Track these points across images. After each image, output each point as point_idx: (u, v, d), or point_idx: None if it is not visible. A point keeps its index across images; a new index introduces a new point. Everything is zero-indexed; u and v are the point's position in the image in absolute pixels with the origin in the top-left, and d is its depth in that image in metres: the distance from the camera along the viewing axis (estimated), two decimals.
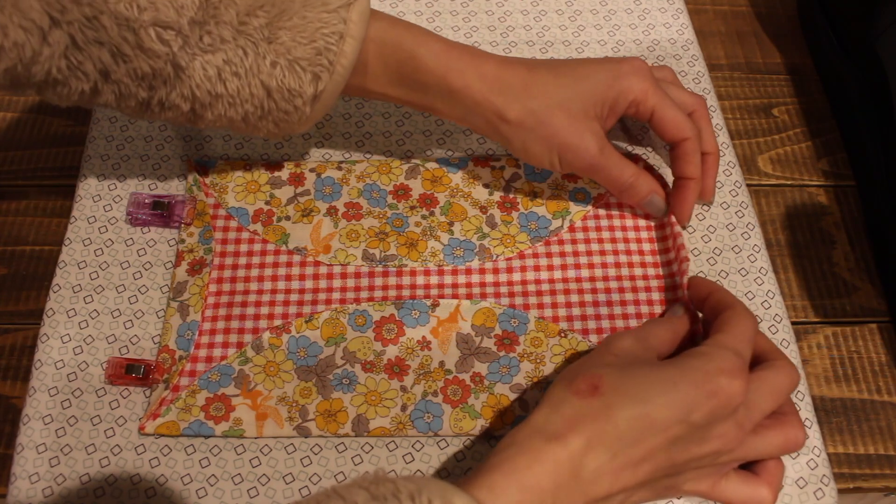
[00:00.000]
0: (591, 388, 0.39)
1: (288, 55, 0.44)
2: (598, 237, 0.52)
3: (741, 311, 0.43)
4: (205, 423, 0.46)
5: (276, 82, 0.45)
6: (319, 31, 0.44)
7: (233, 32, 0.43)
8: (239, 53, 0.44)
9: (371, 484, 0.34)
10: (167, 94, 0.44)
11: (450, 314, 0.49)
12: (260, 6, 0.43)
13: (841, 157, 0.59)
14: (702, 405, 0.38)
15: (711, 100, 0.59)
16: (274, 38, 0.44)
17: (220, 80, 0.44)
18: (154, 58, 0.43)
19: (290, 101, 0.46)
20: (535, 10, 0.64)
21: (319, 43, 0.44)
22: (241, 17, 0.43)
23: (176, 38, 0.42)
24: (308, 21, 0.44)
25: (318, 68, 0.45)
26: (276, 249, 0.52)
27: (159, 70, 0.43)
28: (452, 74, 0.48)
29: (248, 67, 0.44)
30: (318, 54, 0.45)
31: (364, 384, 0.47)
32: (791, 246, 0.55)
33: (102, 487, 0.45)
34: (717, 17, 0.66)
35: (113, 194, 0.54)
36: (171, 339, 0.48)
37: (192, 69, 0.44)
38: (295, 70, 0.45)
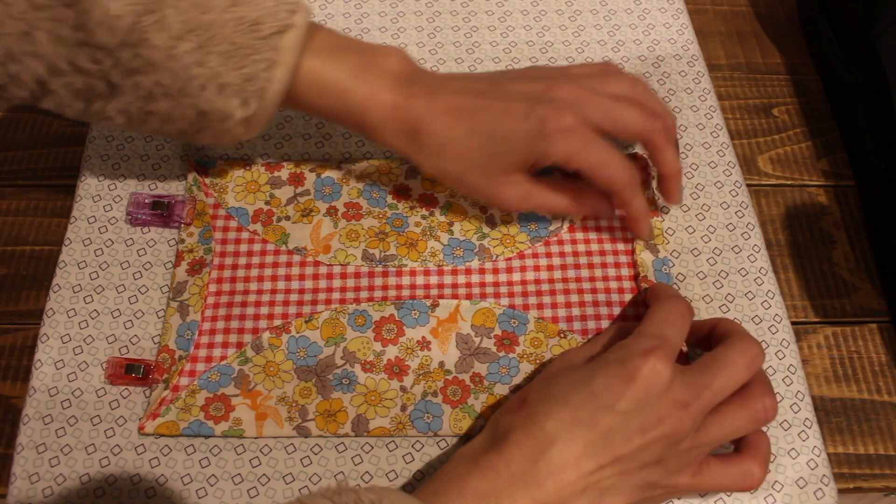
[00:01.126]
0: (519, 404, 0.41)
1: (217, 79, 0.44)
2: (597, 237, 0.52)
3: (665, 298, 0.45)
4: (204, 423, 0.46)
5: (206, 105, 0.45)
6: (250, 58, 0.44)
7: (163, 56, 0.43)
8: (169, 76, 0.44)
9: (334, 494, 0.35)
10: (103, 106, 0.45)
11: (449, 314, 0.49)
12: (190, 30, 0.43)
13: (841, 157, 0.59)
14: (622, 392, 0.39)
15: (711, 100, 0.59)
16: (204, 63, 0.44)
17: (151, 100, 0.45)
18: (87, 75, 0.43)
19: (222, 122, 0.46)
20: (535, 10, 0.64)
21: (249, 69, 0.44)
22: (172, 42, 0.43)
23: (107, 57, 0.43)
24: (238, 47, 0.44)
25: (247, 94, 0.45)
26: (275, 249, 0.52)
27: (94, 85, 0.44)
28: (371, 128, 0.48)
29: (179, 89, 0.44)
30: (248, 80, 0.45)
31: (364, 384, 0.47)
32: (791, 246, 0.55)
33: (102, 487, 0.45)
34: (717, 17, 0.66)
35: (113, 194, 0.54)
36: (171, 339, 0.48)
37: (124, 87, 0.44)
38: (224, 94, 0.45)
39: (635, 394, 0.39)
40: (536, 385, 0.42)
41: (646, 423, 0.39)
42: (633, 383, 0.39)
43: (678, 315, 0.44)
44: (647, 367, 0.40)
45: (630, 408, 0.39)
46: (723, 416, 0.41)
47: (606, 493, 0.40)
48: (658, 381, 0.39)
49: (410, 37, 0.62)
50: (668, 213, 0.54)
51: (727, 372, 0.41)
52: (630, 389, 0.39)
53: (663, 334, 0.42)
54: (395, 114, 0.47)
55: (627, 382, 0.39)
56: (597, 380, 0.40)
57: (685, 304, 0.45)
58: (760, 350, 0.42)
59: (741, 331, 0.44)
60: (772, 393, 0.42)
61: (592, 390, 0.40)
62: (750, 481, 0.42)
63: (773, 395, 0.42)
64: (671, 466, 0.41)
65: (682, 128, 0.57)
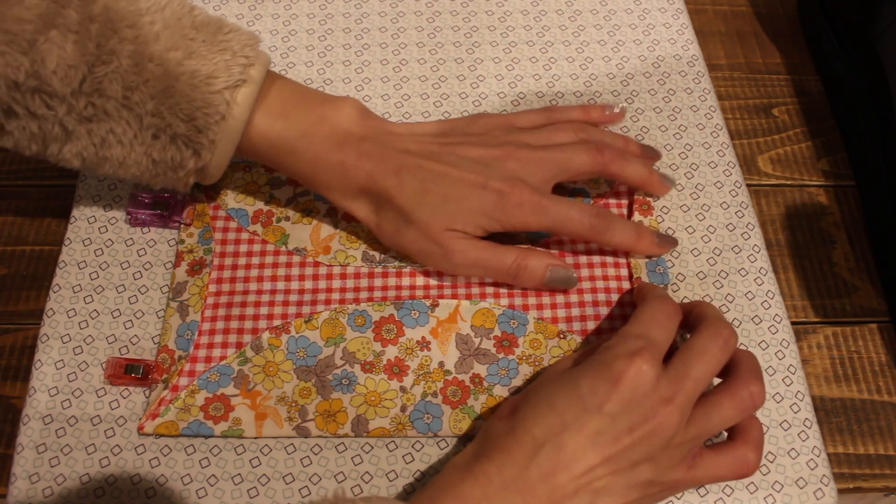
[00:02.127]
0: (510, 411, 0.42)
1: (169, 130, 0.45)
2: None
3: (650, 299, 0.45)
4: (204, 423, 0.46)
5: (159, 154, 0.46)
6: (201, 111, 0.45)
7: (116, 105, 0.44)
8: (123, 125, 0.45)
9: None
10: (59, 149, 0.46)
11: (449, 315, 0.49)
12: (144, 81, 0.44)
13: (841, 157, 0.59)
14: (609, 394, 0.40)
15: (711, 100, 0.59)
16: (157, 113, 0.44)
17: (105, 146, 0.45)
18: (42, 119, 0.44)
19: (175, 171, 0.47)
20: (535, 10, 0.64)
21: (200, 122, 0.45)
22: (125, 92, 0.44)
23: (61, 104, 0.43)
24: (190, 100, 0.44)
25: (199, 145, 0.46)
26: (275, 250, 0.52)
27: (48, 130, 0.44)
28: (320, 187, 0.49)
29: (132, 138, 0.45)
30: (199, 132, 0.45)
31: (363, 384, 0.47)
32: (791, 246, 0.55)
33: (102, 487, 0.45)
34: (717, 17, 0.66)
35: (113, 194, 0.54)
36: (171, 340, 0.48)
37: (78, 133, 0.45)
38: (177, 144, 0.46)
39: (621, 395, 0.40)
40: (527, 392, 0.43)
41: (633, 422, 0.40)
42: (619, 385, 0.40)
43: (664, 315, 0.44)
44: (632, 369, 0.40)
45: (617, 409, 0.40)
46: (710, 407, 0.42)
47: (599, 495, 0.40)
48: (643, 381, 0.40)
49: (410, 37, 0.62)
50: (668, 212, 0.54)
51: (704, 359, 0.42)
52: (616, 391, 0.40)
53: (649, 335, 0.42)
54: (343, 173, 0.48)
55: (614, 384, 0.40)
56: (582, 383, 0.40)
57: (672, 305, 0.45)
58: (731, 331, 0.43)
59: (713, 314, 0.44)
60: (759, 379, 0.42)
61: (579, 394, 0.40)
62: (745, 467, 0.42)
63: (761, 381, 0.42)
64: (664, 463, 0.41)
65: (682, 128, 0.57)
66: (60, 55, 0.42)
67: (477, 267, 0.48)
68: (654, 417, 0.40)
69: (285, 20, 0.62)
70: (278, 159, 0.48)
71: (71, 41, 0.42)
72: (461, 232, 0.48)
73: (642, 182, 0.51)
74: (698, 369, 0.41)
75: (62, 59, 0.42)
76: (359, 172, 0.48)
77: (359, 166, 0.48)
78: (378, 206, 0.49)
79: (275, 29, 0.62)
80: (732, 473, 0.42)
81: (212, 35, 0.46)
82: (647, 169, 0.51)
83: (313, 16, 0.63)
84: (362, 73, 0.60)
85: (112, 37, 0.43)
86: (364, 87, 0.59)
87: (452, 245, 0.48)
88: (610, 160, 0.50)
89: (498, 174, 0.48)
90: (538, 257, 0.49)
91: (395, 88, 0.59)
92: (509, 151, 0.49)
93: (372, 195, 0.48)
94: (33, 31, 0.42)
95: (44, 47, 0.42)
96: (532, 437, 0.40)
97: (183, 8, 0.46)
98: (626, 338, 0.42)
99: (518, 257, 0.49)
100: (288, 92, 0.48)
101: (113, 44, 0.43)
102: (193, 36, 0.45)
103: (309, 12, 0.63)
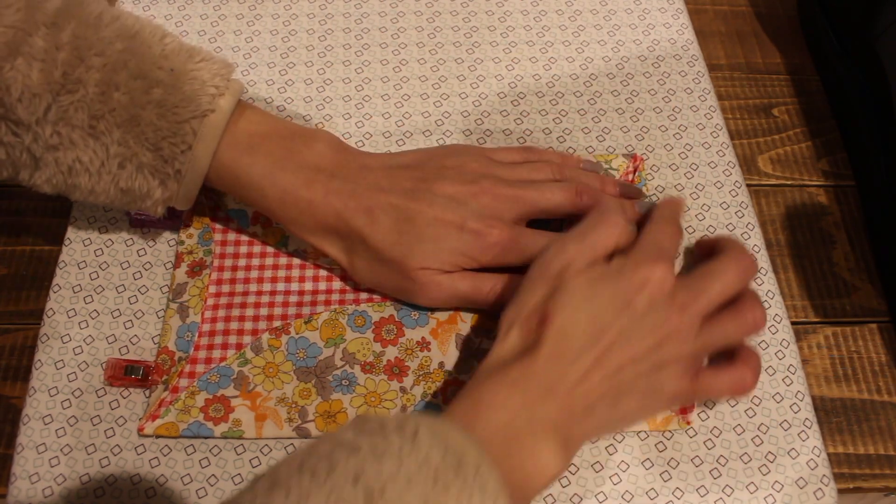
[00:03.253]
0: (541, 320, 0.42)
1: (135, 159, 0.45)
2: None
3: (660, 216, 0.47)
4: (204, 425, 0.46)
5: (126, 183, 0.45)
6: (167, 140, 0.44)
7: (82, 134, 0.44)
8: (89, 153, 0.44)
9: (360, 422, 0.36)
10: (30, 176, 0.46)
11: (449, 315, 0.49)
12: (111, 110, 0.44)
13: (841, 157, 0.59)
14: (639, 293, 0.42)
15: (711, 100, 0.59)
16: (123, 142, 0.44)
17: (73, 174, 0.45)
18: (9, 146, 0.44)
19: (143, 200, 0.46)
20: (535, 10, 0.64)
21: (166, 152, 0.45)
22: (91, 121, 0.44)
23: (27, 132, 0.43)
24: (156, 129, 0.44)
25: (165, 176, 0.45)
26: (275, 251, 0.52)
27: (17, 157, 0.44)
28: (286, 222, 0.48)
29: (99, 167, 0.45)
30: (165, 162, 0.45)
31: (363, 385, 0.47)
32: (791, 246, 0.55)
33: (102, 487, 0.45)
34: (717, 17, 0.66)
35: None
36: (171, 341, 0.48)
37: (46, 161, 0.45)
38: (144, 174, 0.45)
39: (650, 296, 0.42)
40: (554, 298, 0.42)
41: (656, 323, 0.42)
42: (646, 287, 0.42)
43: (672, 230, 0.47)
44: (658, 271, 0.42)
45: (644, 309, 0.42)
46: (716, 324, 0.44)
47: (622, 395, 0.41)
48: (665, 284, 0.42)
49: (410, 37, 0.62)
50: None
51: (722, 279, 0.44)
52: (645, 292, 0.42)
53: (663, 245, 0.45)
54: (311, 209, 0.47)
55: (642, 286, 0.42)
56: (619, 285, 0.42)
57: (677, 223, 0.48)
58: (753, 261, 0.46)
59: (738, 245, 0.46)
60: (761, 306, 0.45)
61: (616, 294, 0.42)
62: (742, 386, 0.44)
63: (763, 308, 0.45)
64: (674, 370, 0.42)
65: (682, 128, 0.57)
66: (25, 83, 0.42)
67: (455, 300, 0.48)
68: (670, 321, 0.42)
69: (285, 20, 0.62)
70: (244, 193, 0.47)
71: (37, 69, 0.42)
72: (438, 270, 0.47)
73: None
74: (716, 287, 0.44)
75: (27, 88, 0.42)
76: (327, 210, 0.46)
77: (327, 203, 0.46)
78: (350, 245, 0.48)
79: (275, 29, 0.62)
80: (730, 390, 0.45)
81: (182, 64, 0.45)
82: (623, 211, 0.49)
83: (313, 16, 0.63)
84: (362, 73, 0.60)
85: (79, 65, 0.43)
86: (364, 87, 0.59)
87: (429, 281, 0.47)
88: (589, 203, 0.48)
89: (474, 213, 0.47)
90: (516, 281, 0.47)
91: (395, 88, 0.59)
92: (485, 187, 0.47)
93: (342, 234, 0.47)
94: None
95: (9, 75, 0.42)
96: (572, 341, 0.41)
97: (154, 36, 0.46)
98: (645, 245, 0.45)
99: (495, 285, 0.48)
100: (256, 124, 0.47)
101: (80, 72, 0.43)
102: (161, 64, 0.45)
103: (309, 12, 0.63)
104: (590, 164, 0.53)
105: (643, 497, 0.45)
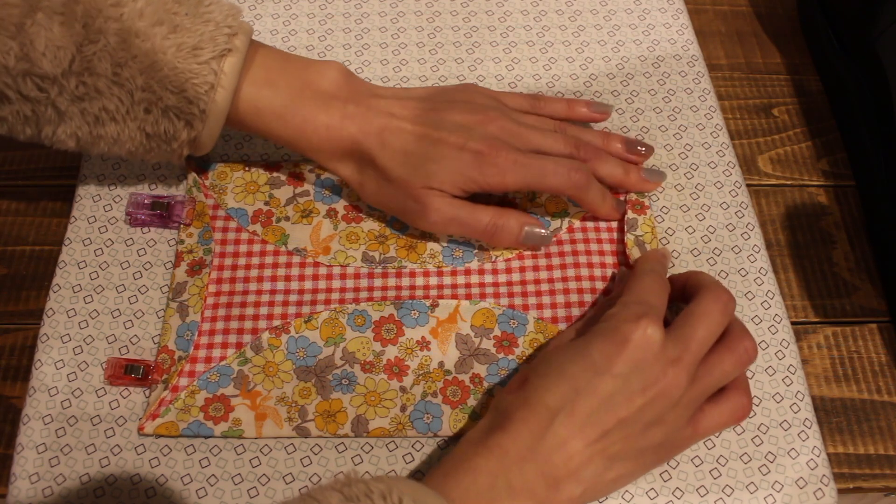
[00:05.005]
0: (520, 383, 0.42)
1: (160, 103, 0.46)
2: (596, 237, 0.52)
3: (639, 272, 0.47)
4: (204, 424, 0.46)
5: (152, 128, 0.47)
6: (190, 82, 0.46)
7: (107, 82, 0.45)
8: (115, 101, 0.45)
9: (344, 486, 0.36)
10: (53, 131, 0.46)
11: (449, 315, 0.49)
12: (133, 57, 0.45)
13: (841, 157, 0.59)
14: (618, 356, 0.41)
15: (711, 100, 0.59)
16: (147, 87, 0.45)
17: (99, 124, 0.46)
18: (35, 102, 0.45)
19: (168, 143, 0.48)
20: (535, 10, 0.64)
21: (190, 93, 0.46)
22: (115, 69, 0.45)
23: (52, 86, 0.44)
24: (179, 72, 0.45)
25: (191, 116, 0.47)
26: (275, 250, 0.52)
27: (42, 112, 0.45)
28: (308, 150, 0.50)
29: (125, 113, 0.46)
30: (190, 103, 0.46)
31: (363, 384, 0.47)
32: (791, 246, 0.55)
33: (102, 487, 0.45)
34: (717, 17, 0.66)
35: (113, 194, 0.54)
36: (171, 340, 0.48)
37: (71, 113, 0.45)
38: (169, 117, 0.46)
39: (631, 357, 0.41)
40: (535, 364, 0.43)
41: (644, 383, 0.41)
42: (627, 347, 0.41)
43: (656, 285, 0.46)
44: (639, 330, 0.41)
45: (627, 370, 0.40)
46: (712, 364, 0.43)
47: (614, 460, 0.41)
48: (650, 342, 0.41)
49: (410, 37, 0.62)
50: (668, 212, 0.54)
51: (706, 322, 0.43)
52: (625, 353, 0.41)
53: (647, 301, 0.44)
54: (329, 135, 0.49)
55: (622, 347, 0.41)
56: (592, 348, 0.41)
57: (662, 277, 0.47)
58: (730, 296, 0.44)
59: (711, 282, 0.46)
60: (750, 335, 0.44)
61: (590, 359, 0.41)
62: (743, 412, 0.44)
63: (752, 337, 0.44)
64: (673, 423, 0.42)
65: (682, 128, 0.57)
66: (48, 37, 0.43)
67: (453, 224, 0.49)
68: (663, 378, 0.41)
69: (285, 20, 0.62)
70: (266, 126, 0.49)
71: (57, 23, 0.43)
72: (439, 190, 0.48)
73: (620, 181, 0.52)
74: (702, 332, 0.42)
75: (50, 41, 0.43)
76: (343, 134, 0.49)
77: (343, 128, 0.49)
78: (361, 167, 0.50)
79: (275, 29, 0.62)
80: (732, 420, 0.44)
81: (194, 8, 0.46)
82: (623, 169, 0.52)
83: (313, 16, 0.63)
84: (362, 73, 0.60)
85: (97, 16, 0.44)
86: None
87: (430, 202, 0.48)
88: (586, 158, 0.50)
89: (477, 135, 0.48)
90: (514, 217, 0.50)
91: None
92: (491, 117, 0.49)
93: (356, 156, 0.50)
94: (20, 15, 0.43)
95: (31, 30, 0.43)
96: (546, 405, 0.40)
97: None
98: (627, 305, 0.43)
99: (494, 216, 0.49)
100: (272, 59, 0.49)
101: (99, 23, 0.44)
102: (176, 10, 0.46)
103: (309, 12, 0.63)
104: (599, 107, 0.54)
105: (643, 497, 0.45)
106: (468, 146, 0.48)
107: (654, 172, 0.53)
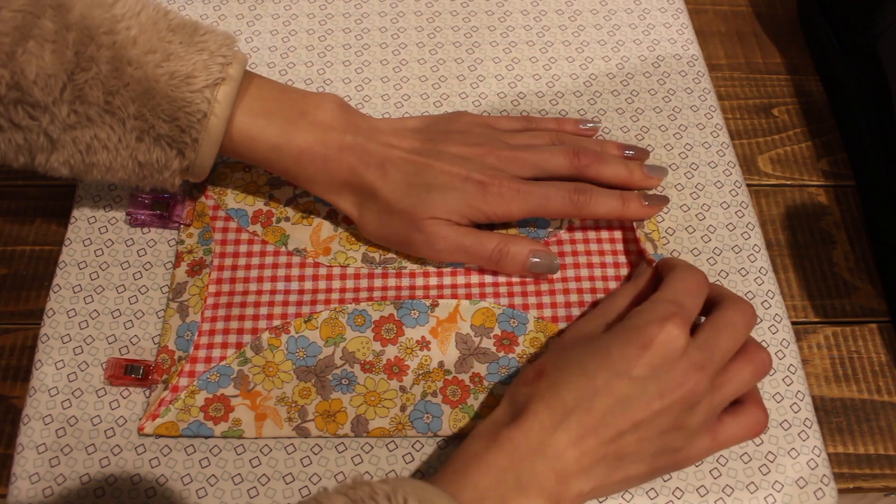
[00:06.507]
0: (536, 375, 0.42)
1: (152, 132, 0.46)
2: (596, 237, 0.52)
3: (681, 268, 0.46)
4: (204, 424, 0.46)
5: (144, 156, 0.46)
6: (182, 110, 0.45)
7: (99, 111, 0.45)
8: (106, 130, 0.45)
9: (349, 489, 0.36)
10: (46, 159, 0.46)
11: (449, 314, 0.49)
12: (125, 85, 0.44)
13: (841, 157, 0.59)
14: (638, 358, 0.40)
15: (711, 100, 0.59)
16: (139, 115, 0.45)
17: (91, 152, 0.46)
18: (26, 130, 0.44)
19: (161, 172, 0.47)
20: (535, 10, 0.64)
21: (182, 121, 0.45)
22: (107, 97, 0.44)
23: (44, 114, 0.44)
24: (171, 100, 0.45)
25: (182, 145, 0.46)
26: (275, 250, 0.52)
27: (34, 140, 0.45)
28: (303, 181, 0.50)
29: (117, 142, 0.46)
30: (182, 132, 0.46)
31: (363, 384, 0.47)
32: (791, 246, 0.55)
33: (102, 487, 0.45)
34: (717, 17, 0.66)
35: (113, 194, 0.54)
36: (171, 340, 0.48)
37: (63, 141, 0.45)
38: (161, 145, 0.46)
39: (651, 360, 0.40)
40: (552, 355, 0.43)
41: (664, 387, 0.40)
42: (649, 349, 0.40)
43: (696, 285, 0.44)
44: (663, 333, 0.40)
45: (647, 374, 0.40)
46: (731, 374, 0.42)
47: (625, 460, 0.40)
48: (674, 346, 0.40)
49: (410, 37, 0.62)
50: (668, 212, 0.54)
51: (730, 332, 0.42)
52: (646, 356, 0.40)
53: (680, 301, 0.43)
54: (326, 165, 0.48)
55: (643, 349, 0.40)
56: (613, 347, 0.41)
57: (703, 275, 0.45)
58: (753, 309, 0.44)
59: (732, 294, 0.45)
60: (765, 348, 0.44)
61: (609, 358, 0.40)
62: (760, 426, 0.43)
63: (767, 350, 0.44)
64: (691, 430, 0.41)
65: (682, 128, 0.57)
66: (40, 65, 0.43)
67: (459, 251, 0.49)
68: (685, 384, 0.40)
69: (285, 20, 0.62)
70: (261, 156, 0.49)
71: (49, 51, 0.43)
72: (445, 220, 0.48)
73: (624, 180, 0.52)
74: (726, 341, 0.42)
75: (41, 69, 0.43)
76: (342, 166, 0.48)
77: (342, 159, 0.48)
78: (361, 200, 0.49)
79: (275, 29, 0.62)
80: (750, 434, 0.43)
81: (188, 37, 0.46)
82: (626, 168, 0.52)
83: (313, 16, 0.63)
84: (362, 73, 0.60)
85: (90, 44, 0.44)
86: (364, 87, 0.59)
87: (436, 231, 0.48)
88: (587, 163, 0.50)
89: (479, 166, 0.49)
90: (521, 243, 0.50)
91: (395, 88, 0.59)
92: (489, 150, 0.50)
93: (355, 189, 0.49)
94: (11, 44, 0.42)
95: (22, 58, 0.42)
96: (562, 401, 0.40)
97: (158, 12, 0.46)
98: (657, 303, 0.42)
99: (500, 243, 0.49)
100: (267, 90, 0.49)
101: (91, 51, 0.44)
102: (170, 38, 0.46)
103: (309, 12, 0.63)
104: (587, 124, 0.55)
105: (643, 497, 0.45)
106: (471, 177, 0.48)
107: (656, 168, 0.53)
